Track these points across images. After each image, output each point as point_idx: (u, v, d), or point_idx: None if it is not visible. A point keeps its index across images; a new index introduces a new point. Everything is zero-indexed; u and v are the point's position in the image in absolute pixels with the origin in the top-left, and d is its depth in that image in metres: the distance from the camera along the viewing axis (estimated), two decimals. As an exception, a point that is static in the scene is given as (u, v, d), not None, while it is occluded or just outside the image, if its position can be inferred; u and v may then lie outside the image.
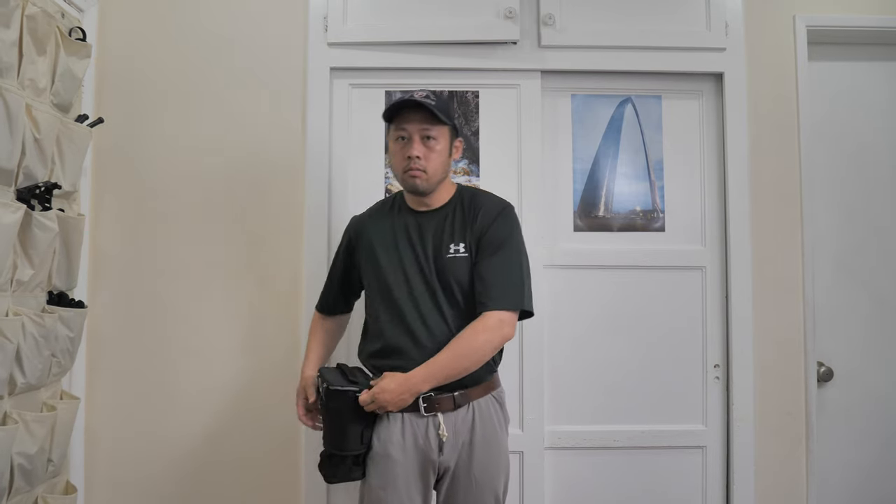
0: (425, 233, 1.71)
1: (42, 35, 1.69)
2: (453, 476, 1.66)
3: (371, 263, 1.75)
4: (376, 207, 1.88)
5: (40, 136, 1.68)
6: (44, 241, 1.69)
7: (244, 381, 2.17)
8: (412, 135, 1.67)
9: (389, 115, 1.70)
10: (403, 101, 1.67)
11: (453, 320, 1.66)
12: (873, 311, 2.35)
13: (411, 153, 1.65)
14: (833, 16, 2.31)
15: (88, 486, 2.12)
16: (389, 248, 1.73)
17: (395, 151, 1.71)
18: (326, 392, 1.63)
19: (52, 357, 1.76)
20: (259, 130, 2.21)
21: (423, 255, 1.69)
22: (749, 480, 2.20)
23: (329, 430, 1.66)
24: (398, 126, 1.69)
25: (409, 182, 1.69)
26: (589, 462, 2.23)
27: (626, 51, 2.25)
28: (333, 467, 1.66)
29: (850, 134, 2.38)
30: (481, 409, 1.67)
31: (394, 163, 1.72)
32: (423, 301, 1.67)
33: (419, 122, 1.66)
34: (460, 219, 1.71)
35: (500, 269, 1.65)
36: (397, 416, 1.63)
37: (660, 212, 2.30)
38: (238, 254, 2.19)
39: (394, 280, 1.69)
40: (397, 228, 1.74)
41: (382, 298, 1.71)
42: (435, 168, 1.68)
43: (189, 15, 2.22)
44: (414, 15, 2.22)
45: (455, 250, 1.68)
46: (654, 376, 2.25)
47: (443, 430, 1.62)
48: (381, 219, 1.80)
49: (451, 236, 1.69)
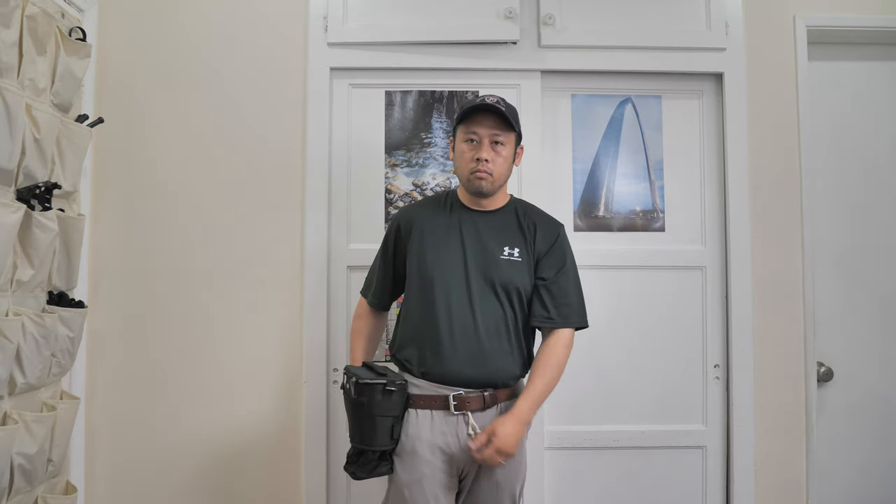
0: (482, 232, 1.73)
1: (42, 35, 1.69)
2: (476, 477, 1.67)
3: (418, 254, 1.74)
4: (428, 201, 1.88)
5: (40, 136, 1.68)
6: (44, 241, 1.69)
7: (244, 380, 2.16)
8: (483, 138, 1.70)
9: (463, 116, 1.72)
10: (480, 104, 1.69)
11: (491, 317, 1.68)
12: (873, 311, 2.35)
13: (481, 156, 1.69)
14: (833, 16, 2.31)
15: (88, 486, 2.12)
16: (440, 241, 1.73)
17: (463, 152, 1.72)
18: (356, 386, 1.63)
19: (52, 357, 1.76)
20: (259, 130, 2.21)
21: (476, 252, 1.71)
22: (749, 480, 2.20)
23: (358, 427, 1.65)
24: (470, 129, 1.71)
25: (475, 183, 1.71)
26: (589, 462, 2.23)
27: (626, 51, 2.25)
28: (362, 465, 1.65)
29: (850, 134, 2.38)
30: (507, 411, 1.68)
31: (460, 163, 1.74)
32: (468, 295, 1.68)
33: (490, 126, 1.70)
34: (516, 225, 1.77)
35: (567, 289, 1.75)
36: (426, 413, 1.65)
37: (660, 212, 2.30)
38: (238, 253, 2.18)
39: (439, 272, 1.69)
40: (451, 223, 1.75)
41: (422, 288, 1.71)
42: (500, 172, 1.72)
43: (189, 15, 2.22)
44: (414, 15, 2.22)
45: (510, 253, 1.72)
46: (654, 376, 2.25)
47: (473, 426, 1.63)
48: (434, 211, 1.79)
49: (507, 239, 1.74)
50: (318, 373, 2.15)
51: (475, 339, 1.66)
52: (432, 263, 1.70)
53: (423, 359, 1.67)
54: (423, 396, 1.66)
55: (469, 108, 1.71)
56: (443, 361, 1.65)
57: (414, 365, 1.69)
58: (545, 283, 1.73)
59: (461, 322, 1.67)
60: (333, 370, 2.18)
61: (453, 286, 1.68)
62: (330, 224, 2.20)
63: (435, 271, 1.70)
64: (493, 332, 1.68)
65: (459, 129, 1.74)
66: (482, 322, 1.67)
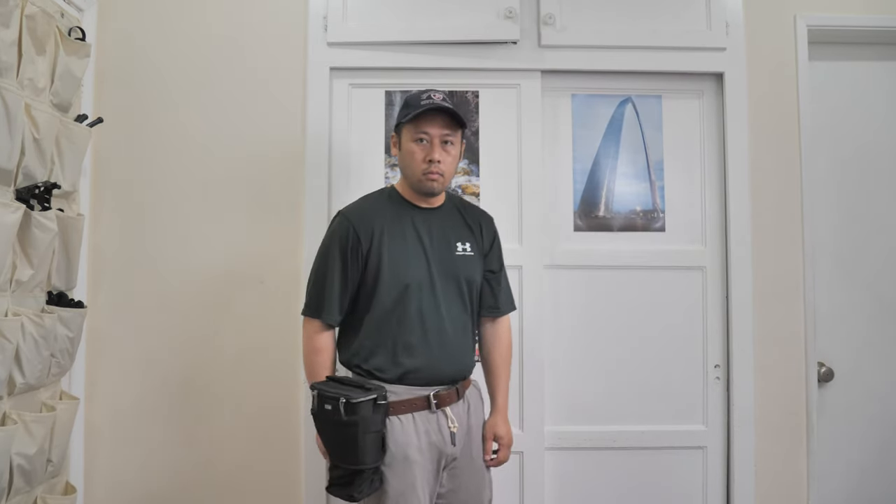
0: (435, 229, 1.74)
1: (41, 35, 1.69)
2: (457, 462, 1.70)
3: (385, 258, 1.68)
4: (371, 200, 1.79)
5: (40, 135, 1.68)
6: (43, 241, 1.69)
7: (244, 382, 2.16)
8: (433, 138, 1.69)
9: (413, 117, 1.68)
10: (431, 106, 1.66)
11: (457, 314, 1.73)
12: (874, 311, 2.35)
13: (433, 157, 1.68)
14: (833, 16, 2.31)
15: (88, 486, 2.11)
16: (400, 242, 1.70)
17: (413, 152, 1.69)
18: (347, 406, 1.53)
19: (52, 357, 1.76)
20: (259, 130, 2.21)
21: (435, 250, 1.72)
22: (749, 480, 2.20)
23: (350, 447, 1.56)
24: (420, 129, 1.68)
25: (426, 185, 1.70)
26: (589, 462, 2.23)
27: (627, 50, 2.25)
28: (358, 485, 1.58)
29: (851, 134, 2.38)
30: (471, 397, 1.78)
31: (411, 164, 1.70)
32: (434, 295, 1.69)
33: (441, 126, 1.69)
34: (461, 220, 1.81)
35: (506, 279, 1.89)
36: (408, 417, 1.64)
37: (660, 212, 2.30)
38: (238, 253, 2.18)
39: (411, 275, 1.67)
40: (405, 223, 1.72)
41: (391, 293, 1.66)
42: (450, 171, 1.73)
43: (189, 15, 2.22)
44: (414, 15, 2.22)
45: (463, 249, 1.76)
46: (655, 376, 2.25)
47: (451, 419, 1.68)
48: (383, 210, 1.74)
49: (458, 235, 1.77)
50: (318, 373, 2.15)
51: (447, 337, 1.69)
52: (403, 266, 1.67)
53: (399, 363, 1.65)
54: (402, 402, 1.63)
55: (422, 110, 1.66)
56: (422, 363, 1.65)
57: (387, 371, 1.65)
58: (494, 276, 1.83)
59: (434, 322, 1.68)
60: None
61: (423, 287, 1.68)
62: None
63: (407, 274, 1.67)
64: (459, 328, 1.73)
65: (407, 127, 1.70)
66: (449, 319, 1.70)
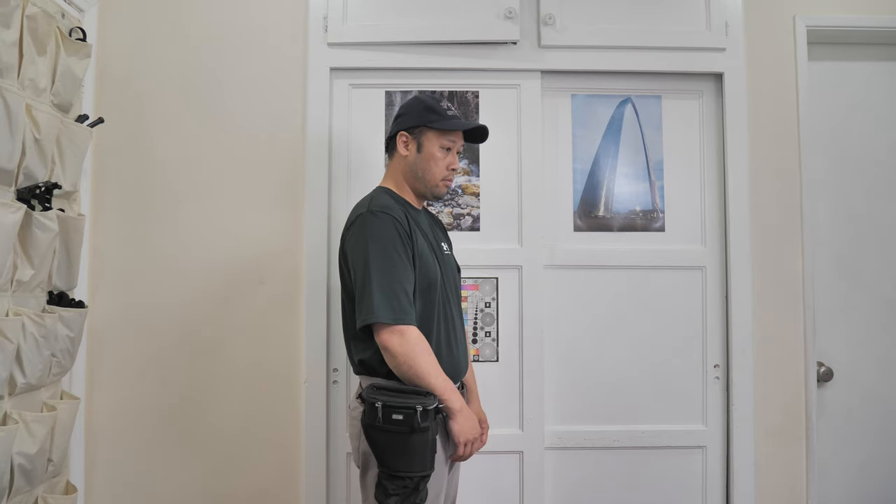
0: (426, 229, 1.76)
1: (42, 35, 1.69)
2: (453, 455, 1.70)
3: (421, 257, 1.65)
4: (393, 201, 1.71)
5: (40, 136, 1.68)
6: (44, 241, 1.69)
7: (244, 383, 2.16)
8: (456, 149, 1.77)
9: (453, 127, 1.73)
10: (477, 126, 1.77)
11: (460, 312, 1.78)
12: (873, 311, 2.35)
13: (455, 166, 1.76)
14: (833, 16, 2.31)
15: (88, 486, 2.12)
16: (421, 238, 1.68)
17: (436, 158, 1.73)
18: (424, 414, 1.50)
19: (52, 357, 1.76)
20: (259, 131, 2.21)
21: (439, 251, 1.75)
22: (749, 480, 2.20)
23: (422, 453, 1.52)
24: (450, 138, 1.74)
25: (441, 190, 1.76)
26: (589, 462, 2.23)
27: (626, 51, 2.25)
28: (423, 489, 1.53)
29: (850, 134, 2.38)
30: None
31: (433, 168, 1.73)
32: (447, 295, 1.71)
33: (462, 138, 1.78)
34: (436, 222, 1.90)
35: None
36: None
37: (660, 212, 2.30)
38: (238, 253, 2.18)
39: (431, 271, 1.66)
40: (416, 224, 1.70)
41: (422, 292, 1.63)
42: None
43: (189, 15, 2.22)
44: (414, 15, 2.22)
45: (447, 249, 1.84)
46: (655, 376, 2.25)
47: None
48: (405, 211, 1.69)
49: (440, 236, 1.83)
50: (318, 373, 2.15)
51: (460, 334, 1.74)
52: (429, 265, 1.67)
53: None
54: None
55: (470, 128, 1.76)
56: (447, 363, 1.64)
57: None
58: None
59: (452, 322, 1.71)
60: (334, 370, 2.18)
61: (439, 285, 1.68)
62: (330, 224, 2.20)
63: (429, 272, 1.66)
64: (461, 325, 1.77)
65: (437, 133, 1.72)
66: (458, 318, 1.75)
